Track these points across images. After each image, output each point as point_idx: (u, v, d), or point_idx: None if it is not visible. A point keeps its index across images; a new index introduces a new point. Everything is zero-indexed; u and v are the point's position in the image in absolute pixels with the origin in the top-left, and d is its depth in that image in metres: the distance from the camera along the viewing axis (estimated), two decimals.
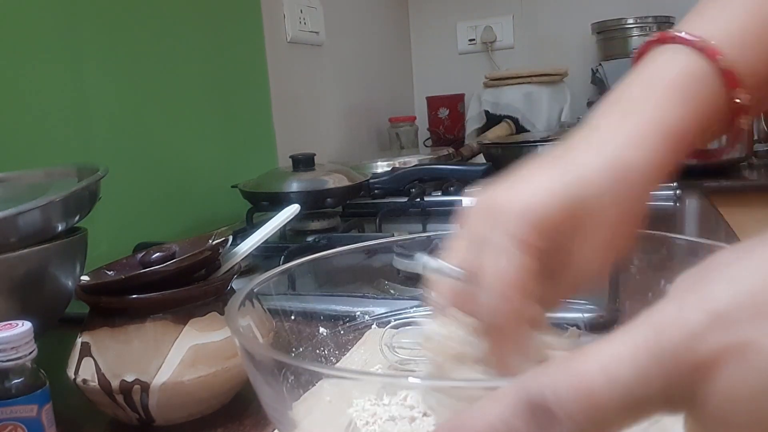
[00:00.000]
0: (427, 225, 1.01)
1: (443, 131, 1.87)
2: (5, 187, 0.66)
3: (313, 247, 0.81)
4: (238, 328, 0.36)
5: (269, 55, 1.26)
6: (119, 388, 0.43)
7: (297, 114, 1.38)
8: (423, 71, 2.09)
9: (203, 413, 0.46)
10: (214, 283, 0.47)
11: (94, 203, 0.58)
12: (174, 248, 0.50)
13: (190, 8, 1.06)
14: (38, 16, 0.80)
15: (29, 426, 0.38)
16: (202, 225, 1.02)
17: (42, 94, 0.80)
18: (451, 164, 1.34)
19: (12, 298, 0.49)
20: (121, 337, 0.44)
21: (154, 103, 0.98)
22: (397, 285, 0.66)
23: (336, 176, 0.99)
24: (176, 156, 1.02)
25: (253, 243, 0.50)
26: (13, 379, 0.38)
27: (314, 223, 0.98)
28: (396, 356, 0.47)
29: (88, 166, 0.62)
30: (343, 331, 0.49)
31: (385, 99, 1.86)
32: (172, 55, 1.02)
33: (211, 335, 0.45)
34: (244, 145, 1.18)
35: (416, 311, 0.53)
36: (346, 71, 1.62)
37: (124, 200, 0.89)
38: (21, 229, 0.50)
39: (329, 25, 1.49)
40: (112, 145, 0.90)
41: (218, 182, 1.08)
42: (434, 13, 2.05)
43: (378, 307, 0.53)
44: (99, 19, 0.88)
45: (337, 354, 0.47)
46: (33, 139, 0.78)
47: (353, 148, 1.62)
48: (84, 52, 0.86)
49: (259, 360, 0.33)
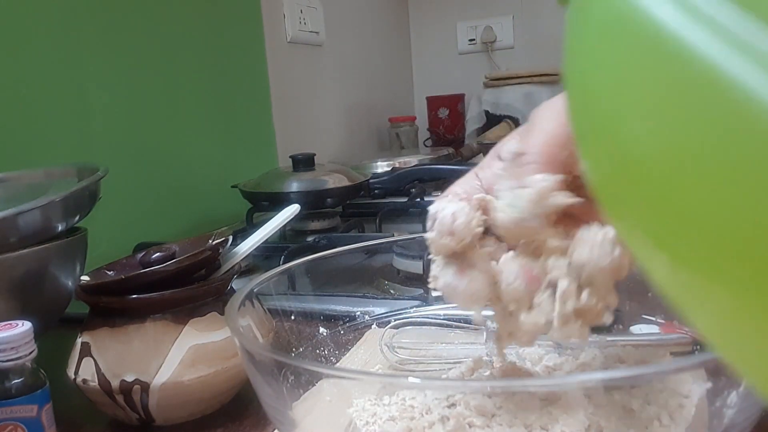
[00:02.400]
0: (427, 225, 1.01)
1: (443, 131, 1.87)
2: (5, 187, 0.66)
3: (313, 247, 0.81)
4: (238, 328, 0.36)
5: (269, 55, 1.26)
6: (119, 388, 0.43)
7: (297, 114, 1.38)
8: (423, 71, 2.09)
9: (203, 413, 0.46)
10: (214, 283, 0.47)
11: (94, 203, 0.58)
12: (174, 248, 0.50)
13: (190, 8, 1.06)
14: (38, 16, 0.80)
15: (29, 426, 0.38)
16: (202, 225, 1.02)
17: (42, 94, 0.80)
18: (451, 164, 1.33)
19: (12, 298, 0.49)
20: (121, 337, 0.44)
21: (154, 103, 0.98)
22: (397, 285, 0.66)
23: (336, 176, 0.99)
24: (176, 156, 1.02)
25: (253, 243, 0.50)
26: (13, 379, 0.38)
27: (314, 223, 0.98)
28: (396, 356, 0.47)
29: (88, 166, 0.62)
30: (343, 331, 0.49)
31: (385, 99, 1.86)
32: (172, 55, 1.02)
33: (211, 335, 0.45)
34: (244, 145, 1.18)
35: (416, 311, 0.53)
36: (346, 71, 1.62)
37: (124, 200, 0.89)
38: (21, 229, 0.50)
39: (329, 25, 1.49)
40: (112, 145, 0.90)
41: (218, 182, 1.08)
42: (434, 13, 2.05)
43: (378, 307, 0.53)
44: (99, 18, 0.88)
45: (337, 354, 0.47)
46: (33, 139, 0.78)
47: (353, 148, 1.62)
48: (84, 51, 0.86)
49: (259, 360, 0.33)
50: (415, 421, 0.33)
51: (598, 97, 0.17)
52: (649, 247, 0.17)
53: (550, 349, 0.44)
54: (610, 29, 0.17)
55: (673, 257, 0.16)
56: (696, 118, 0.14)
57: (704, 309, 0.16)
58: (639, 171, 0.16)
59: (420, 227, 1.01)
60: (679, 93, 0.14)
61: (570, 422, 0.30)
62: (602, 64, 0.17)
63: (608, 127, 0.17)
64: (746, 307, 0.14)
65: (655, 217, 0.16)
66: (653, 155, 0.15)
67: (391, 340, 0.48)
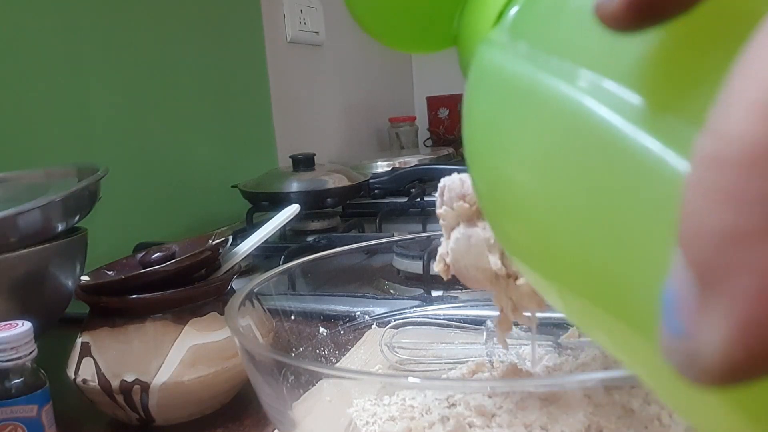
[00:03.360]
0: (427, 225, 1.01)
1: (443, 131, 1.87)
2: (5, 187, 0.66)
3: (313, 247, 0.81)
4: (238, 328, 0.36)
5: (269, 55, 1.26)
6: (119, 388, 0.43)
7: (297, 114, 1.38)
8: (423, 71, 2.09)
9: (203, 413, 0.46)
10: (214, 283, 0.47)
11: (94, 203, 0.58)
12: (174, 248, 0.50)
13: (190, 8, 1.06)
14: (38, 16, 0.80)
15: (29, 426, 0.38)
16: (202, 225, 1.02)
17: (42, 94, 0.80)
18: (451, 164, 1.33)
19: (12, 298, 0.49)
20: (121, 337, 0.44)
21: (154, 103, 0.98)
22: (397, 285, 0.66)
23: (336, 176, 0.99)
24: (176, 156, 1.02)
25: (253, 243, 0.50)
26: (13, 379, 0.38)
27: (314, 223, 0.98)
28: (396, 356, 0.47)
29: (88, 166, 0.62)
30: (343, 331, 0.49)
31: (385, 99, 1.85)
32: (172, 55, 1.02)
33: (211, 335, 0.45)
34: (244, 145, 1.18)
35: (416, 311, 0.53)
36: (346, 71, 1.62)
37: (124, 200, 0.89)
38: (21, 229, 0.50)
39: (329, 25, 1.49)
40: (112, 145, 0.90)
41: (218, 182, 1.08)
42: None
43: (378, 307, 0.53)
44: (99, 19, 0.88)
45: (337, 354, 0.47)
46: (33, 139, 0.78)
47: (353, 148, 1.62)
48: (84, 52, 0.86)
49: (259, 360, 0.33)
50: (415, 421, 0.33)
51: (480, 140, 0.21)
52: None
53: (550, 349, 0.44)
54: (478, 84, 0.22)
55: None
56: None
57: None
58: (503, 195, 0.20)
59: (420, 227, 1.01)
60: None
61: (570, 422, 0.30)
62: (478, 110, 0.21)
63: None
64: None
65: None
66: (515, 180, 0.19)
67: (391, 340, 0.48)
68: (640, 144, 0.14)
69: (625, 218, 0.15)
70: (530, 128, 0.18)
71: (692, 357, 0.11)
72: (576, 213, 0.16)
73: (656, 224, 0.14)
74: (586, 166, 0.16)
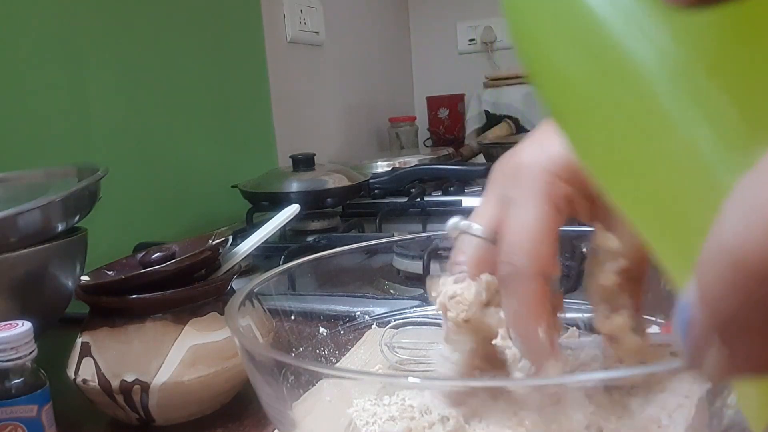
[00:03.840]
0: (427, 225, 1.01)
1: (443, 131, 1.87)
2: (5, 187, 0.66)
3: (313, 247, 0.81)
4: (238, 328, 0.36)
5: (269, 55, 1.26)
6: (119, 388, 0.43)
7: (297, 114, 1.38)
8: (423, 71, 2.09)
9: (203, 413, 0.46)
10: (214, 283, 0.47)
11: (94, 203, 0.58)
12: (174, 248, 0.50)
13: (190, 8, 1.06)
14: (38, 16, 0.80)
15: (29, 426, 0.38)
16: (202, 225, 1.02)
17: (42, 94, 0.80)
18: (451, 164, 1.33)
19: (12, 298, 0.49)
20: (121, 337, 0.44)
21: (154, 103, 0.98)
22: (397, 285, 0.66)
23: (336, 176, 0.99)
24: (176, 156, 1.02)
25: (253, 243, 0.50)
26: (13, 379, 0.38)
27: (314, 223, 0.98)
28: (396, 356, 0.47)
29: (88, 166, 0.62)
30: (343, 331, 0.49)
31: (385, 99, 1.85)
32: (172, 55, 1.02)
33: (211, 335, 0.45)
34: (244, 145, 1.18)
35: (416, 311, 0.53)
36: (346, 71, 1.62)
37: (124, 200, 0.89)
38: (21, 229, 0.50)
39: (329, 25, 1.49)
40: (112, 145, 0.90)
41: (218, 182, 1.07)
42: (434, 13, 2.05)
43: (378, 307, 0.53)
44: (99, 18, 0.88)
45: (337, 354, 0.47)
46: (33, 139, 0.78)
47: (353, 148, 1.62)
48: (84, 51, 0.86)
49: (259, 360, 0.33)
50: (415, 421, 0.33)
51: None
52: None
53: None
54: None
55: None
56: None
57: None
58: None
59: (420, 227, 1.01)
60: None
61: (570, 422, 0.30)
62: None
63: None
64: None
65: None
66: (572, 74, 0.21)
67: (391, 340, 0.48)
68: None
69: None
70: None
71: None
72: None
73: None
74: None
